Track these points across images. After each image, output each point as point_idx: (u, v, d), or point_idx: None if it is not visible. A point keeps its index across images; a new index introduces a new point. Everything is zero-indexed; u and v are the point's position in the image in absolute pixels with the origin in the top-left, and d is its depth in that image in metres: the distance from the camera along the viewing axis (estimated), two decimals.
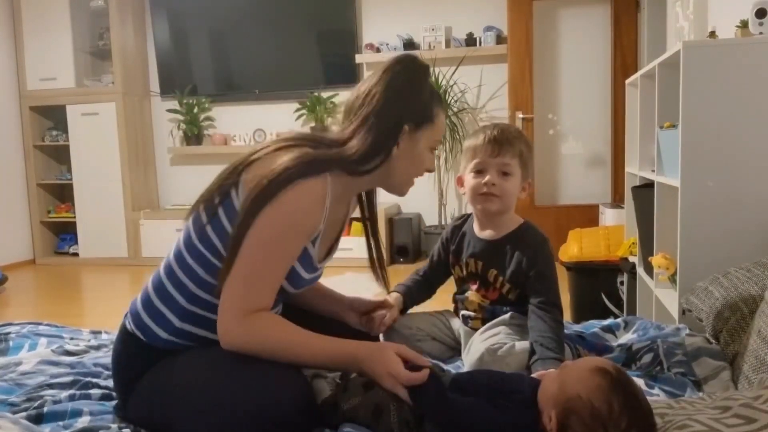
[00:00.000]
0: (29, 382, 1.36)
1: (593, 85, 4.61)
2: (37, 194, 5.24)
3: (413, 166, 1.31)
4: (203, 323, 1.22)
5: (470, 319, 1.50)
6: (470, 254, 1.50)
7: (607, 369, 0.99)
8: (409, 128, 1.26)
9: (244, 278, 1.15)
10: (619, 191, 4.31)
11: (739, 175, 1.79)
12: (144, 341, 1.23)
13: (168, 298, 1.22)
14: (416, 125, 1.27)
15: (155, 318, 1.22)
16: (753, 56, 1.77)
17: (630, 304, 2.64)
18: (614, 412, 0.94)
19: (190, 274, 1.21)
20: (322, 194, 1.19)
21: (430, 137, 1.30)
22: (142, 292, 1.27)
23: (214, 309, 1.18)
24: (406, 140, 1.27)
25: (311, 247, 1.24)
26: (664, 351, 1.40)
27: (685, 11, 2.91)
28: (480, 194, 1.44)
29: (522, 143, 1.46)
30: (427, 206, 4.95)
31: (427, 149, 1.31)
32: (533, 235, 1.45)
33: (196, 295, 1.21)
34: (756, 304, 1.39)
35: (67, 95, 5.06)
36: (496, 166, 1.43)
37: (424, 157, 1.31)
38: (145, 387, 1.20)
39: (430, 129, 1.29)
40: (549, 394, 1.02)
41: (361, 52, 4.91)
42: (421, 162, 1.31)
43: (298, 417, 1.12)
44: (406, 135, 1.26)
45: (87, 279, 4.76)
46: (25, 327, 1.78)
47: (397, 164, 1.28)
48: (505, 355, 1.31)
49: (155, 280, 1.26)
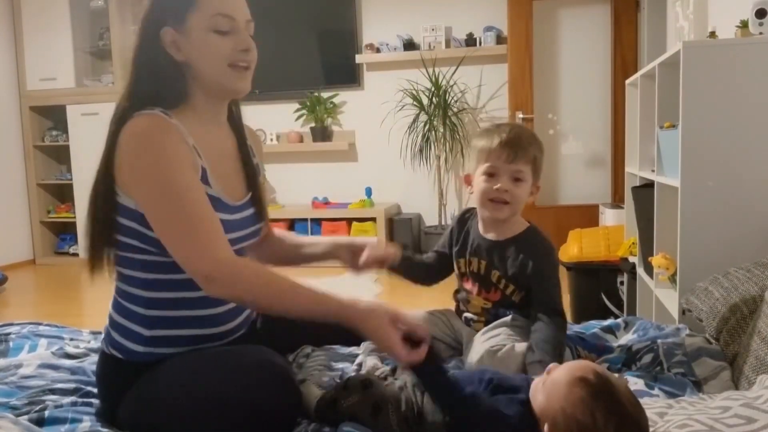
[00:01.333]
0: (30, 385, 1.36)
1: (593, 85, 4.61)
2: (37, 194, 5.24)
3: (210, 56, 1.19)
4: (170, 323, 1.21)
5: (473, 322, 1.49)
6: (473, 252, 1.49)
7: (586, 378, 0.98)
8: (173, 29, 1.18)
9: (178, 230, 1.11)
10: (619, 191, 4.31)
11: (739, 175, 1.79)
12: (123, 359, 1.22)
13: (128, 313, 1.22)
14: (177, 20, 1.18)
15: (126, 335, 1.22)
16: (753, 56, 1.77)
17: (630, 304, 2.64)
18: (599, 422, 0.94)
19: (134, 282, 1.21)
20: (154, 123, 1.13)
21: (202, 19, 1.18)
22: (108, 316, 1.27)
23: (172, 305, 1.19)
24: (183, 42, 1.18)
25: (208, 188, 1.18)
26: (664, 351, 1.40)
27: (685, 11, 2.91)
28: (490, 199, 1.41)
29: (536, 148, 1.43)
30: (427, 206, 4.95)
31: (208, 33, 1.18)
32: (540, 241, 1.44)
33: (149, 298, 1.21)
34: (756, 304, 1.39)
35: (67, 95, 5.06)
36: (509, 172, 1.39)
37: (210, 43, 1.18)
38: (132, 400, 1.18)
39: (196, 12, 1.17)
40: (539, 406, 1.02)
41: (361, 52, 4.91)
42: (210, 49, 1.18)
43: (282, 409, 1.12)
44: (177, 38, 1.18)
45: (87, 279, 4.75)
46: (25, 327, 1.78)
47: (194, 68, 1.20)
48: (504, 357, 1.31)
49: (113, 302, 1.27)
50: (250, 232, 1.32)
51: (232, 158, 1.32)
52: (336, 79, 4.98)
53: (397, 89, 4.81)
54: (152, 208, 1.13)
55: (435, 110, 4.66)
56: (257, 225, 1.35)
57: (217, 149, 1.26)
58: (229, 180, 1.27)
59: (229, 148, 1.32)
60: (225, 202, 1.23)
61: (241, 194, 1.30)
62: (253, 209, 1.33)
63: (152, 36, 1.19)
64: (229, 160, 1.31)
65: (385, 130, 4.95)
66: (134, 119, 1.14)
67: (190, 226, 1.11)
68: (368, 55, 4.89)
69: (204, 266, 1.10)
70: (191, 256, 1.11)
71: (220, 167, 1.25)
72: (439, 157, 4.72)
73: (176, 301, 1.21)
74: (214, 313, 1.24)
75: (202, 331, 1.23)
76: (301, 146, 5.05)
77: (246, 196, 1.31)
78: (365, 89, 5.03)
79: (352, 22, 4.90)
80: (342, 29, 4.93)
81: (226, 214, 1.22)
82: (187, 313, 1.22)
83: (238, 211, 1.27)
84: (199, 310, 1.22)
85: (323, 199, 4.97)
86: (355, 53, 4.91)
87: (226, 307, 1.25)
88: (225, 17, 1.19)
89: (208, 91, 1.23)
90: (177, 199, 1.11)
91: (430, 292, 1.73)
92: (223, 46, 1.19)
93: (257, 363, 1.14)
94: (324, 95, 4.97)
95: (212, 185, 1.20)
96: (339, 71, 4.98)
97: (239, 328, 1.30)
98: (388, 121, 4.93)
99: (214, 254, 1.11)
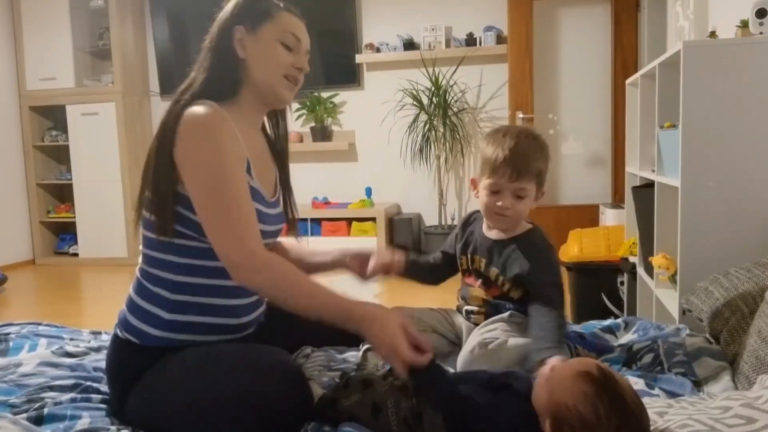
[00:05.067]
0: (29, 383, 1.36)
1: (593, 85, 4.61)
2: (37, 194, 5.24)
3: (271, 62, 1.31)
4: (191, 309, 1.24)
5: (473, 314, 1.50)
6: (475, 250, 1.51)
7: (591, 373, 0.98)
8: (245, 29, 1.29)
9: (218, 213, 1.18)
10: (619, 191, 4.31)
11: (740, 175, 1.79)
12: (138, 344, 1.24)
13: (152, 297, 1.25)
14: (252, 24, 1.30)
15: (144, 318, 1.25)
16: (753, 56, 1.77)
17: (630, 304, 2.64)
18: (602, 417, 0.94)
19: (165, 266, 1.25)
20: (214, 114, 1.21)
21: (274, 31, 1.30)
22: (127, 299, 1.30)
23: (199, 290, 1.24)
24: (250, 42, 1.30)
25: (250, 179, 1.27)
26: (665, 351, 1.40)
27: (686, 11, 2.91)
28: (494, 212, 1.43)
29: (541, 161, 1.44)
30: (427, 206, 4.95)
31: (277, 44, 1.31)
32: (540, 241, 1.45)
33: (177, 282, 1.24)
34: (756, 304, 1.39)
35: (67, 95, 5.06)
36: (511, 190, 1.40)
37: (276, 52, 1.31)
38: (144, 388, 1.20)
39: (271, 24, 1.30)
40: (541, 402, 1.02)
41: (361, 52, 4.91)
42: (275, 57, 1.30)
43: (294, 412, 1.13)
44: (245, 37, 1.29)
45: (87, 279, 4.76)
46: (25, 327, 1.78)
47: (253, 69, 1.30)
48: (496, 350, 1.31)
49: (135, 285, 1.29)
50: (277, 229, 1.40)
51: (267, 159, 1.42)
52: (336, 78, 4.98)
53: (397, 89, 4.81)
54: (200, 193, 1.19)
55: (435, 110, 4.66)
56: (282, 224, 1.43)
57: (256, 148, 1.35)
58: (264, 178, 1.36)
59: (264, 151, 1.42)
60: (263, 195, 1.32)
61: (272, 193, 1.39)
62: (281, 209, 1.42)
63: (226, 30, 1.30)
64: (265, 160, 1.40)
65: (385, 130, 4.95)
66: (194, 108, 1.21)
67: (230, 215, 1.18)
68: (368, 55, 4.89)
69: (235, 254, 1.17)
70: (226, 243, 1.18)
71: (259, 164, 1.33)
72: (439, 157, 4.72)
73: (204, 287, 1.25)
74: (235, 304, 1.28)
75: (219, 320, 1.27)
76: (301, 146, 5.05)
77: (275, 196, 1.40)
78: (365, 89, 5.03)
79: (352, 22, 4.90)
80: (342, 29, 4.93)
81: (263, 207, 1.31)
82: (210, 301, 1.26)
83: (271, 207, 1.36)
84: (223, 299, 1.27)
85: (323, 199, 4.97)
86: (355, 53, 4.90)
87: (247, 300, 1.31)
88: (294, 36, 1.33)
89: (257, 93, 1.33)
90: (224, 189, 1.18)
91: (430, 292, 1.74)
92: (285, 57, 1.31)
93: (273, 364, 1.17)
94: (324, 95, 4.96)
95: (254, 177, 1.29)
96: (339, 71, 4.98)
97: (251, 324, 1.34)
98: (388, 121, 4.93)
99: (246, 244, 1.18)
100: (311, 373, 1.33)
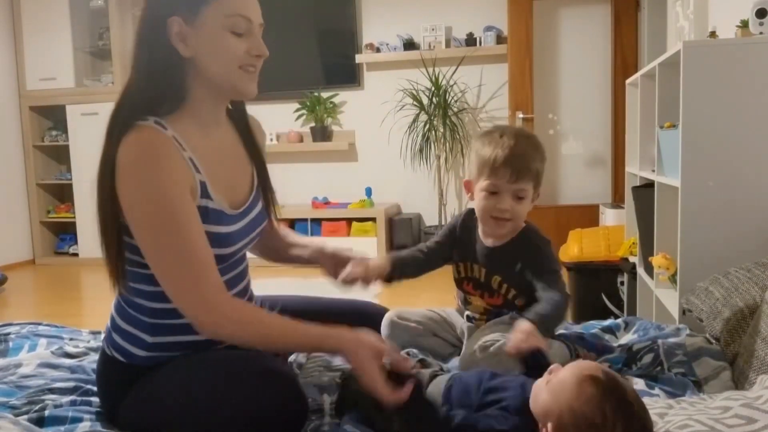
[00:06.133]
0: (29, 384, 1.36)
1: (593, 85, 4.61)
2: (37, 194, 5.24)
3: (220, 55, 1.13)
4: (174, 330, 1.19)
5: (475, 320, 1.50)
6: (474, 259, 1.48)
7: (596, 376, 0.98)
8: (182, 19, 1.10)
9: (168, 266, 1.09)
10: (619, 191, 4.31)
11: (740, 175, 1.79)
12: (125, 362, 1.21)
13: (132, 319, 1.21)
14: (188, 12, 1.10)
15: (128, 339, 1.21)
16: (753, 56, 1.77)
17: (630, 304, 2.63)
18: (608, 420, 0.94)
19: (138, 293, 1.19)
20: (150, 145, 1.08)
21: (217, 17, 1.11)
22: (110, 318, 1.25)
23: (176, 315, 1.15)
24: (191, 36, 1.11)
25: (209, 201, 1.15)
26: (665, 351, 1.40)
27: (686, 11, 2.91)
28: (492, 217, 1.40)
29: (539, 161, 1.41)
30: (427, 206, 4.95)
31: (224, 32, 1.12)
32: (536, 237, 1.44)
33: (153, 308, 1.18)
34: (756, 304, 1.39)
35: (67, 95, 5.06)
36: (511, 191, 1.37)
37: (225, 43, 1.12)
38: (137, 396, 1.17)
39: (211, 8, 1.11)
40: (542, 406, 1.02)
41: (361, 52, 4.91)
42: (225, 49, 1.12)
43: (290, 419, 1.11)
44: (183, 29, 1.11)
45: (87, 279, 4.76)
46: (24, 327, 1.78)
47: (202, 66, 1.13)
48: (497, 352, 1.31)
49: (116, 305, 1.24)
50: (256, 234, 1.30)
51: (234, 156, 1.28)
52: (336, 78, 4.98)
53: (397, 89, 4.81)
54: (149, 247, 1.10)
55: (435, 110, 4.66)
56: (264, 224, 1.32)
57: (217, 152, 1.22)
58: (233, 182, 1.25)
59: (231, 147, 1.28)
60: (228, 213, 1.20)
61: (246, 195, 1.27)
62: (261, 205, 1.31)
63: (157, 24, 1.12)
64: (232, 159, 1.27)
65: (385, 130, 4.95)
66: (129, 137, 1.09)
67: (183, 269, 1.08)
68: (368, 55, 4.89)
69: (197, 311, 1.10)
70: (185, 301, 1.10)
71: (222, 170, 1.21)
72: (439, 157, 4.72)
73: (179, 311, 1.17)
74: None
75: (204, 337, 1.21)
76: (300, 146, 5.05)
77: (251, 195, 1.28)
78: (365, 89, 5.03)
79: (352, 22, 4.90)
80: (342, 29, 4.93)
81: (229, 227, 1.20)
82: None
83: (242, 218, 1.24)
84: None
85: (323, 199, 4.97)
86: (355, 53, 4.90)
87: None
88: (243, 18, 1.13)
89: (213, 91, 1.18)
90: (174, 241, 1.08)
91: (429, 293, 1.73)
92: (237, 47, 1.13)
93: (267, 370, 1.14)
94: (324, 95, 4.96)
95: (213, 197, 1.17)
96: (339, 71, 4.98)
97: None
98: (388, 121, 4.93)
99: (207, 299, 1.09)
100: (311, 373, 1.33)
